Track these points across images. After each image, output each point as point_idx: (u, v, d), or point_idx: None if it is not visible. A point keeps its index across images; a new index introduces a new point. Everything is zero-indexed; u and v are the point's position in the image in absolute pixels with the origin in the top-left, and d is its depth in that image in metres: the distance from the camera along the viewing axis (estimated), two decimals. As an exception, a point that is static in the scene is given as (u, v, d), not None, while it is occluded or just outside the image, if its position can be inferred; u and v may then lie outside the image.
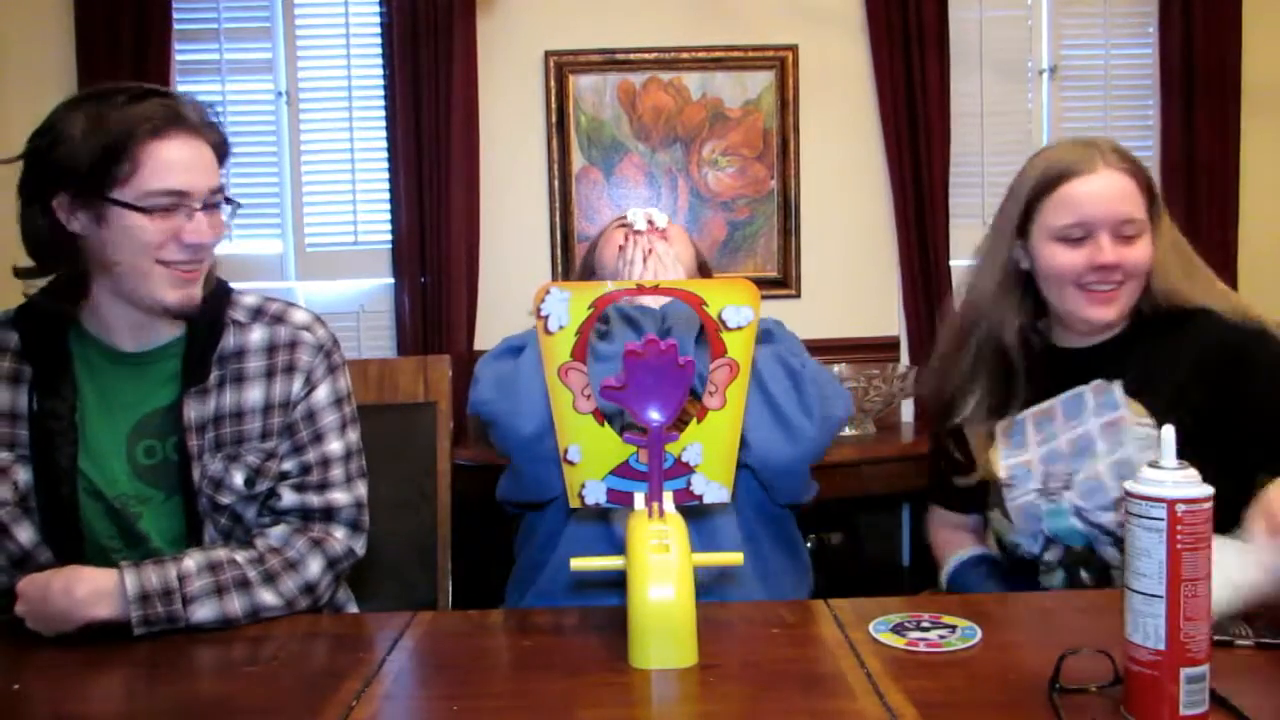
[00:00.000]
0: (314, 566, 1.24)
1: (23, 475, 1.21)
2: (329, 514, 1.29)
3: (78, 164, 1.15)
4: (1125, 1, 3.26)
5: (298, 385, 1.30)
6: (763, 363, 1.39)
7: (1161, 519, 0.83)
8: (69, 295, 1.23)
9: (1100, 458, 1.37)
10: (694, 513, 1.33)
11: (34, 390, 1.22)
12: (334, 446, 1.31)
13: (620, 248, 1.58)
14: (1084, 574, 1.40)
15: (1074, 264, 1.38)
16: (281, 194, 3.22)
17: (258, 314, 1.32)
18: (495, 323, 3.18)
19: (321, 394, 1.32)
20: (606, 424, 1.11)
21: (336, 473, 1.30)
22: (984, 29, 3.25)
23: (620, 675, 1.00)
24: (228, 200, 1.25)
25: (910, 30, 3.13)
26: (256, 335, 1.30)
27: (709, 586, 1.35)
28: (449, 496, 1.66)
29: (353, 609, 1.38)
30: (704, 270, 1.67)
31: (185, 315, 1.25)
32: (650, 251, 1.53)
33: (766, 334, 1.49)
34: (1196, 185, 3.16)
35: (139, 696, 1.04)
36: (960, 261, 3.22)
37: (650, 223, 1.58)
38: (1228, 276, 3.15)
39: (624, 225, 1.62)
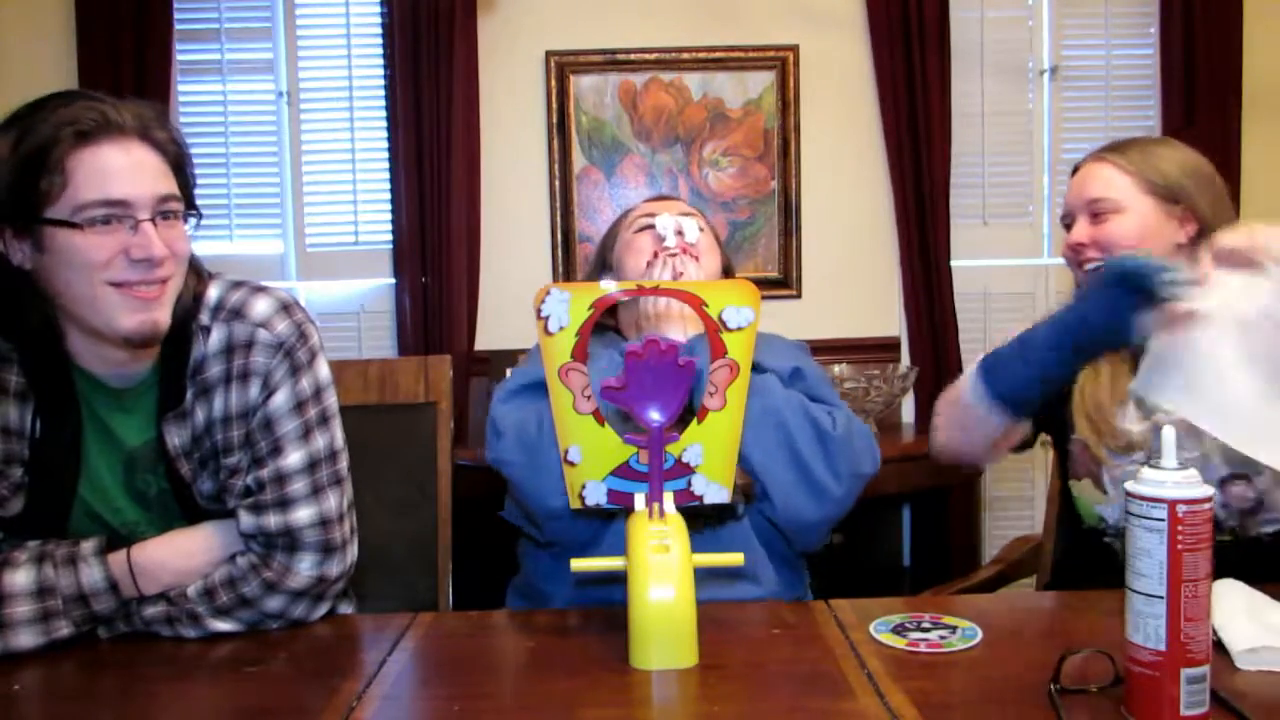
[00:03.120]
0: (272, 603, 1.16)
1: (16, 502, 1.16)
2: (291, 538, 1.17)
3: (5, 186, 1.04)
4: (1126, 2, 3.26)
5: (254, 391, 1.17)
6: (791, 416, 1.35)
7: (1162, 519, 0.83)
8: (42, 341, 1.13)
9: (1205, 440, 1.33)
10: (711, 538, 1.34)
11: (37, 414, 1.15)
12: (292, 459, 1.17)
13: (648, 263, 1.47)
14: None
15: (1065, 247, 1.47)
16: (282, 194, 3.22)
17: (218, 311, 1.18)
18: (495, 323, 3.19)
19: (280, 399, 1.18)
20: (606, 424, 1.11)
21: (297, 487, 1.17)
22: (985, 29, 3.25)
23: (621, 675, 1.00)
24: (191, 209, 1.13)
25: (911, 30, 3.13)
26: (215, 337, 1.17)
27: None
28: (449, 496, 1.66)
29: (353, 610, 1.38)
30: (728, 275, 1.59)
31: (148, 343, 1.13)
32: (680, 275, 1.44)
33: (795, 373, 1.43)
34: (1197, 185, 3.16)
35: (138, 697, 1.04)
36: (960, 262, 3.22)
37: (680, 234, 1.48)
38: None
39: (649, 228, 1.51)
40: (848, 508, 1.39)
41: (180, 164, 1.14)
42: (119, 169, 1.06)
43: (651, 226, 1.51)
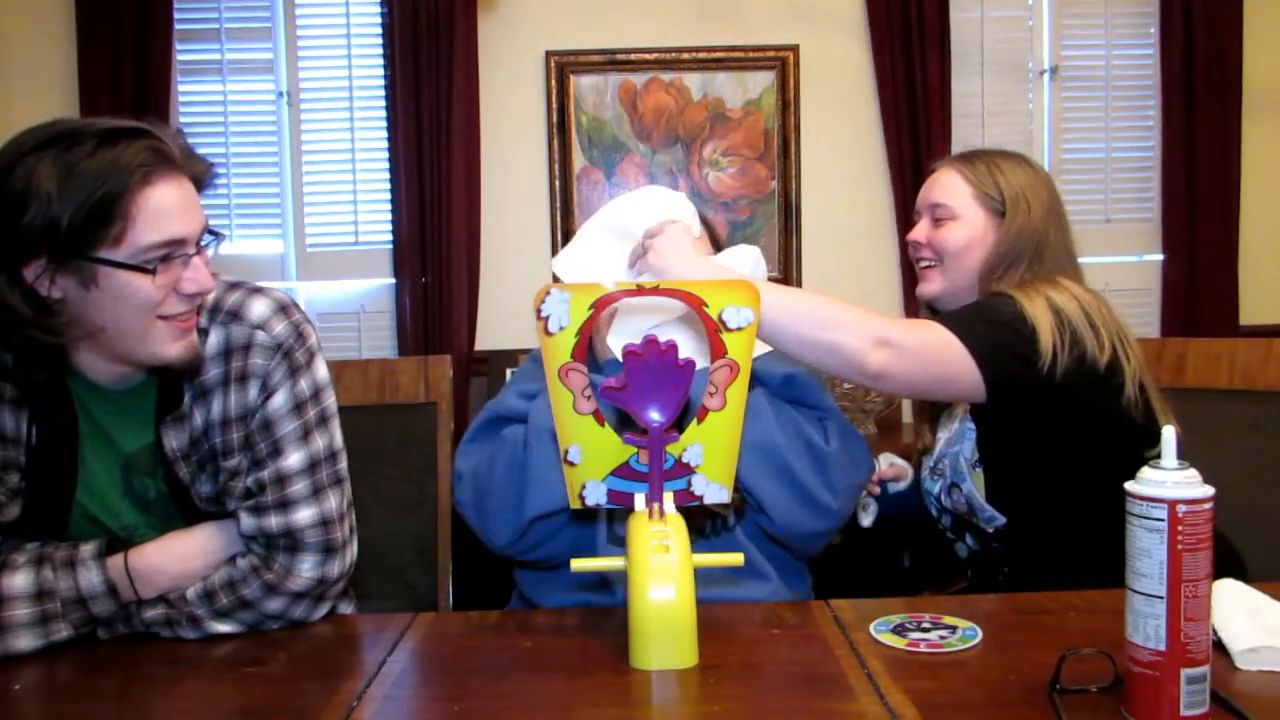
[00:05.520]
0: (272, 604, 1.16)
1: (14, 508, 1.16)
2: (292, 539, 1.16)
3: (56, 226, 0.99)
4: (1126, 2, 3.26)
5: (253, 393, 1.16)
6: (784, 438, 1.35)
7: (1162, 519, 0.83)
8: (39, 366, 1.09)
9: (954, 443, 1.52)
10: (705, 548, 1.35)
11: (33, 420, 1.15)
12: (292, 460, 1.17)
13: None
14: (969, 539, 1.53)
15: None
16: (282, 194, 3.22)
17: (215, 313, 1.17)
18: (495, 323, 3.19)
19: (279, 401, 1.17)
20: (606, 424, 1.11)
21: (298, 488, 1.17)
22: (985, 29, 3.25)
23: (620, 676, 1.00)
24: (212, 233, 1.13)
25: (911, 30, 3.13)
26: (213, 339, 1.16)
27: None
28: (449, 496, 1.65)
29: (353, 610, 1.37)
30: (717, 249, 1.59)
31: (188, 366, 1.14)
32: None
33: (788, 380, 1.42)
34: (1197, 185, 3.16)
35: (138, 697, 1.04)
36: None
37: None
38: (1228, 276, 3.17)
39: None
40: (847, 517, 1.41)
41: (205, 188, 1.13)
42: (174, 207, 1.06)
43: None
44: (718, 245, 1.61)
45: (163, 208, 1.04)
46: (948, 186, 1.51)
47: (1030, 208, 1.46)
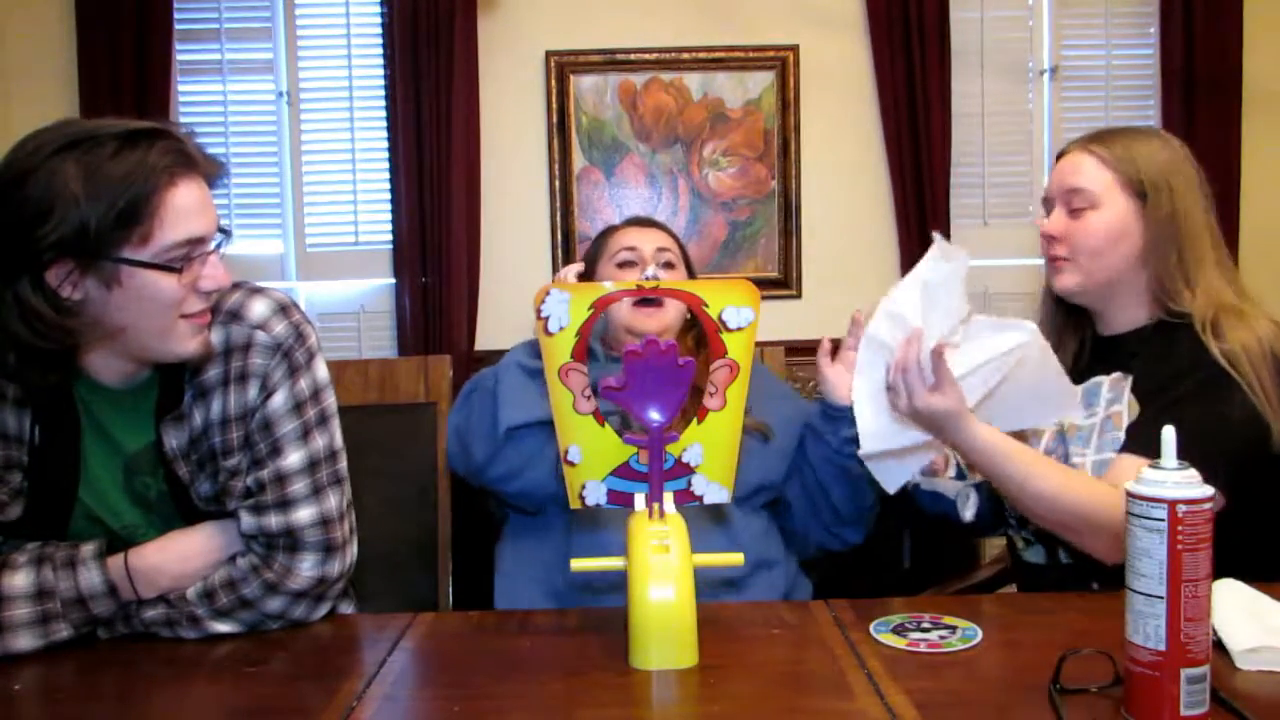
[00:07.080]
0: (273, 604, 1.16)
1: (16, 508, 1.16)
2: (292, 539, 1.17)
3: (85, 228, 1.00)
4: (1126, 1, 3.26)
5: (253, 393, 1.17)
6: (820, 465, 1.50)
7: (1162, 519, 0.83)
8: (51, 369, 1.08)
9: (1091, 451, 1.38)
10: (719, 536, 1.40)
11: (35, 420, 1.15)
12: (292, 459, 1.17)
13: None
14: (1062, 552, 1.42)
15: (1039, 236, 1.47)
16: (282, 194, 3.22)
17: (215, 313, 1.17)
18: (495, 323, 3.19)
19: (278, 400, 1.18)
20: (607, 424, 1.12)
21: (297, 487, 1.17)
22: (985, 29, 3.24)
23: (620, 676, 1.00)
24: (223, 231, 1.14)
25: (911, 30, 3.12)
26: (213, 339, 1.17)
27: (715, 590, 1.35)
28: (449, 496, 1.66)
29: (353, 610, 1.37)
30: None
31: (204, 361, 1.16)
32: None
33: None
34: (1197, 185, 3.16)
35: (138, 697, 1.04)
36: (961, 262, 3.22)
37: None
38: (1228, 277, 3.17)
39: (630, 264, 1.58)
40: None
41: (213, 186, 1.14)
42: (195, 206, 1.08)
43: (633, 264, 1.58)
44: (691, 273, 1.68)
45: (186, 207, 1.06)
46: (1084, 170, 1.39)
47: (1174, 190, 1.36)
